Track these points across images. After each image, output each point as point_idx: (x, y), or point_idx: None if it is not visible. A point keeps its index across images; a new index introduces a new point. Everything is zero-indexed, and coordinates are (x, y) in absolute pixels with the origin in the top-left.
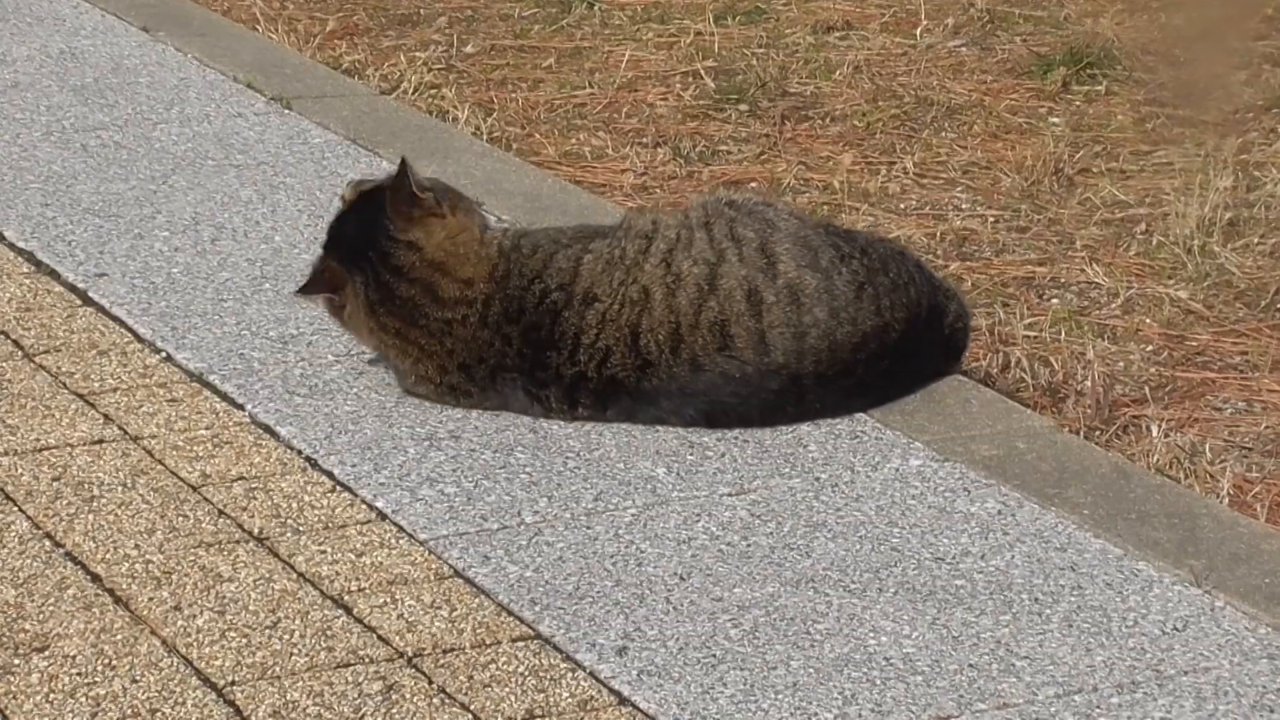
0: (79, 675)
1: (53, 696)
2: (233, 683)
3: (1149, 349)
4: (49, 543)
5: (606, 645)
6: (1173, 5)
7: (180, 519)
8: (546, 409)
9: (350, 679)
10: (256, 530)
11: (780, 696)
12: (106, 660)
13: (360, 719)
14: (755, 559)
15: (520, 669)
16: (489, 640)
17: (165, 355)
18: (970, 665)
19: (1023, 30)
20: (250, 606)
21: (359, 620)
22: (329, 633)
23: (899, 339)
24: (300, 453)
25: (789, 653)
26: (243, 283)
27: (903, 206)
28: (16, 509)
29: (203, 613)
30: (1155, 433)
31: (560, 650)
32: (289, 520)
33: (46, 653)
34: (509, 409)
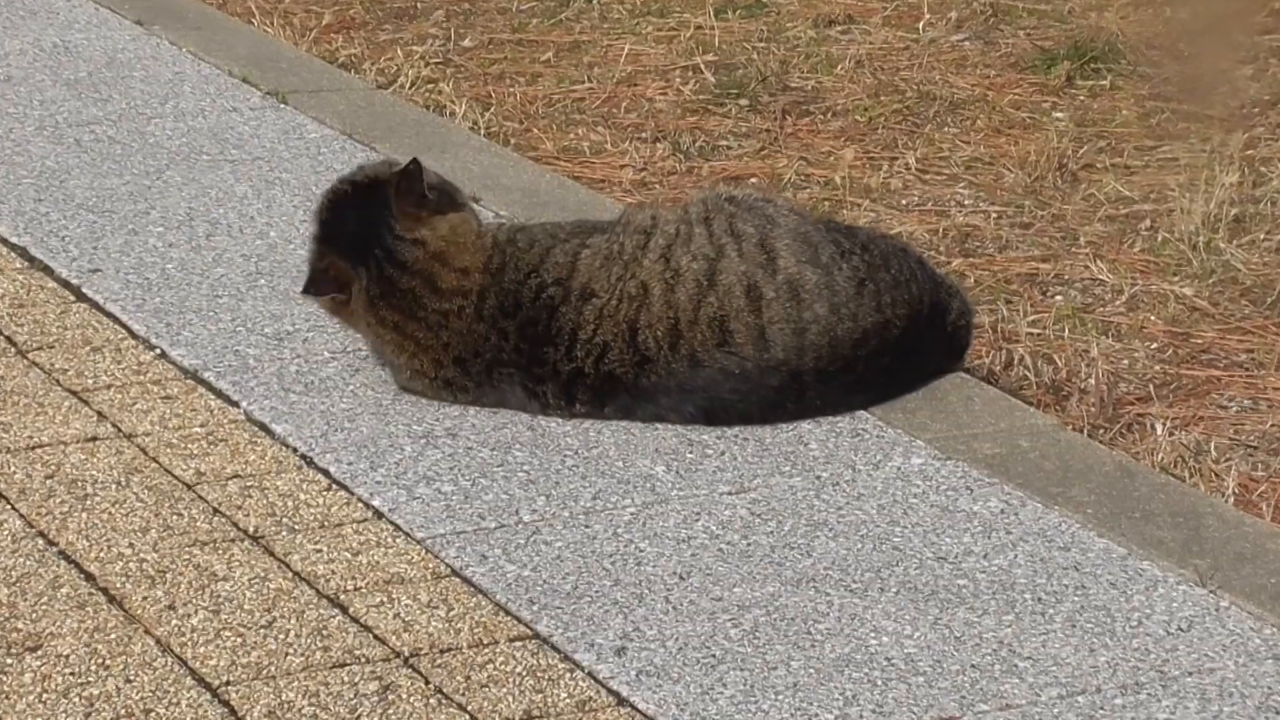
0: (72, 675)
1: (46, 696)
2: (227, 683)
3: (1153, 346)
4: (42, 541)
5: (605, 645)
6: None
7: (174, 517)
8: (543, 405)
9: (346, 679)
10: (251, 529)
11: (780, 697)
12: (100, 660)
13: (356, 719)
14: (755, 558)
15: (518, 669)
16: (486, 640)
17: (159, 352)
18: (973, 666)
19: (1026, 24)
20: (245, 606)
21: (355, 620)
22: (325, 632)
23: (900, 336)
24: (296, 450)
25: (789, 653)
26: (238, 279)
27: (905, 202)
28: (9, 507)
29: (197, 612)
30: (1160, 431)
31: (558, 650)
32: (284, 519)
33: (39, 652)
34: (506, 405)
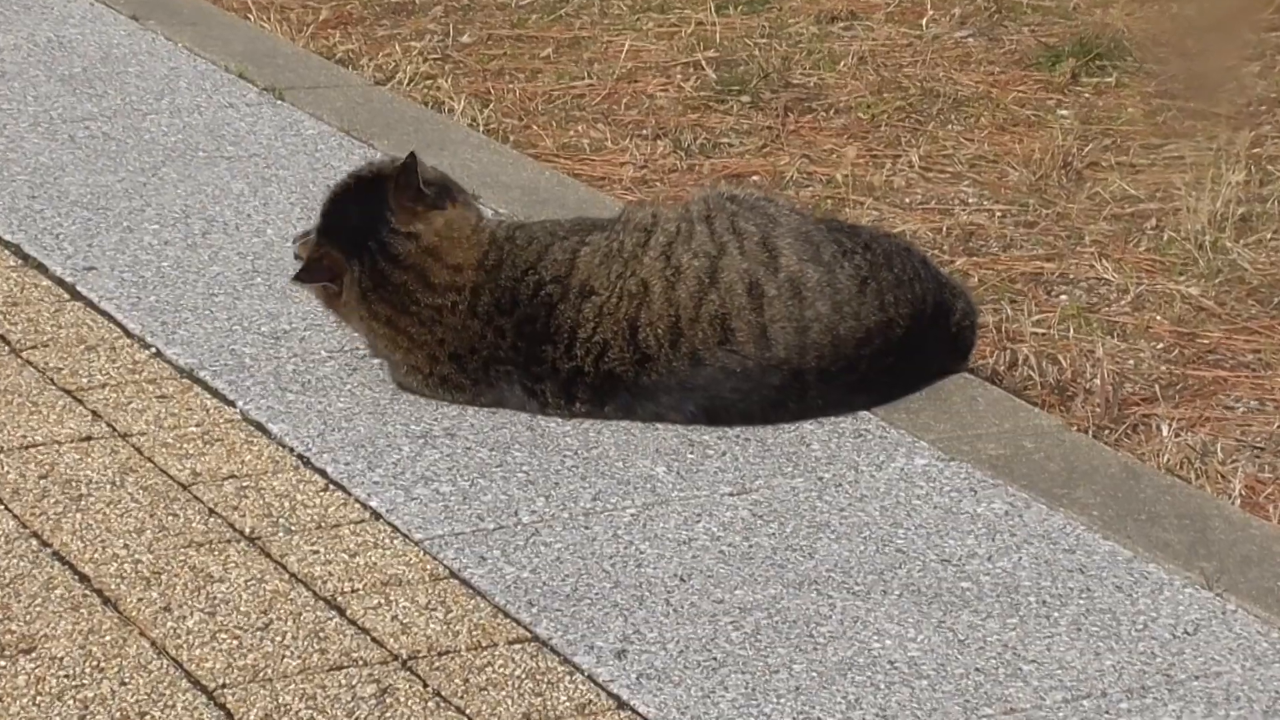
0: (66, 677)
1: (40, 699)
2: (223, 685)
3: (1159, 346)
4: (36, 542)
5: (605, 648)
6: None
7: (170, 518)
8: (542, 404)
9: (343, 682)
10: (248, 530)
11: (782, 701)
12: (95, 662)
13: None
14: (757, 560)
15: (517, 672)
16: (485, 642)
17: (155, 351)
18: (976, 669)
19: (1031, 20)
20: (241, 608)
21: (352, 622)
22: (322, 634)
23: (904, 335)
24: (292, 450)
25: (791, 656)
26: (234, 277)
27: (908, 201)
28: (3, 507)
29: (193, 614)
30: (1166, 432)
31: (558, 653)
32: (281, 520)
33: (33, 654)
34: (505, 404)
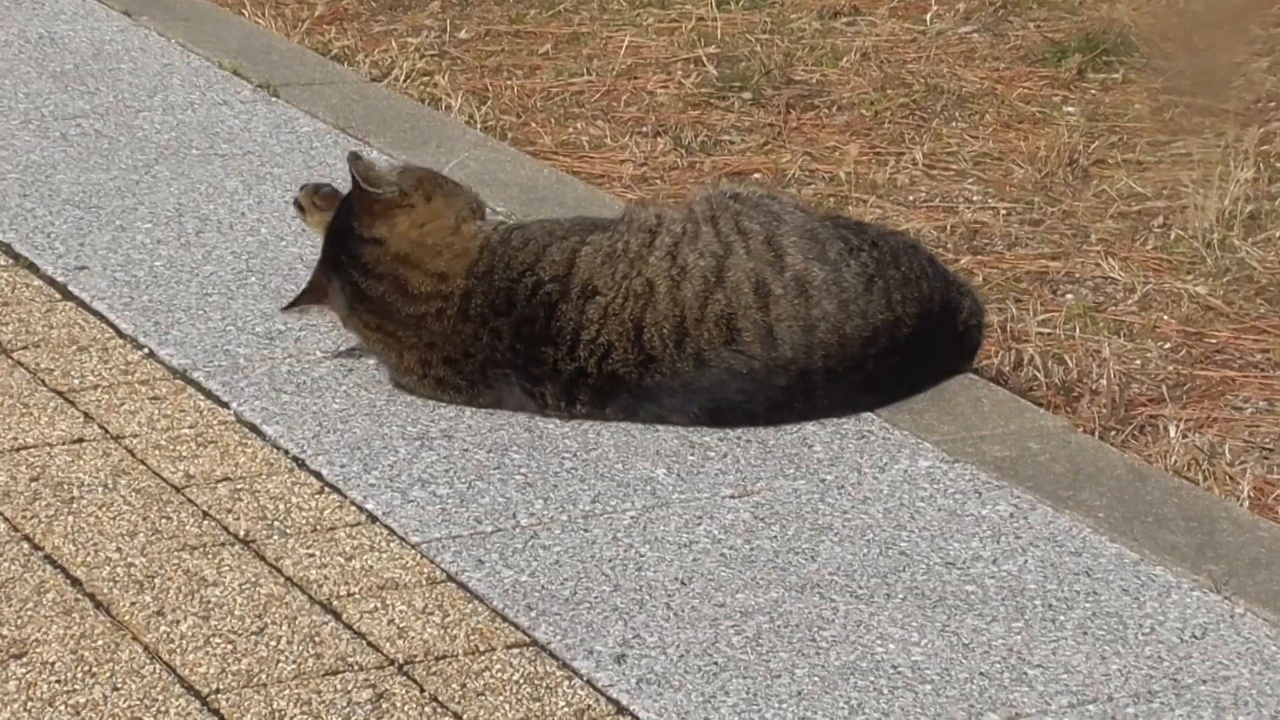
0: (58, 683)
1: (31, 705)
2: (217, 690)
3: (1166, 346)
4: (27, 545)
5: (605, 652)
6: None
7: (163, 521)
8: (542, 405)
9: (339, 687)
10: (242, 533)
11: (784, 705)
12: (87, 667)
13: None
14: (759, 563)
15: (515, 677)
16: (483, 647)
17: (147, 351)
18: (981, 674)
19: (1036, 16)
20: (235, 611)
21: (348, 626)
22: (317, 639)
23: (910, 334)
24: (287, 452)
25: (793, 660)
26: (228, 276)
27: (912, 199)
28: None
29: (186, 618)
30: (1173, 433)
31: (557, 657)
32: (276, 522)
33: (24, 659)
34: (503, 406)
